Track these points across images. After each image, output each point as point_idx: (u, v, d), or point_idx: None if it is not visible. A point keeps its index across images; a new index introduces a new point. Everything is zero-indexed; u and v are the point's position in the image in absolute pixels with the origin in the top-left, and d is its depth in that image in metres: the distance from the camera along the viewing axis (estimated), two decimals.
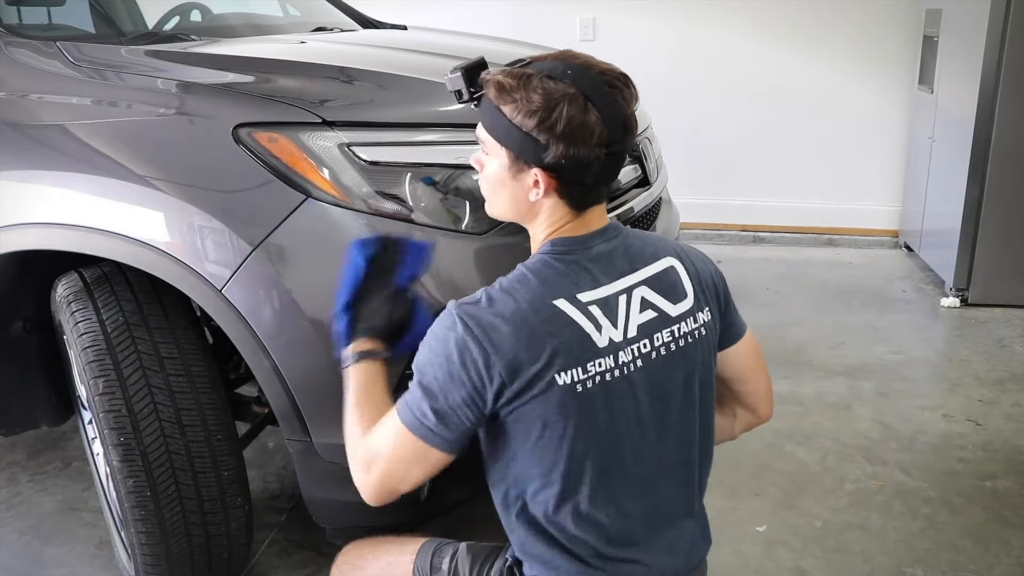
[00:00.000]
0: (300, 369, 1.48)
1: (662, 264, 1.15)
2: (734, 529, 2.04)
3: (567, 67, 1.06)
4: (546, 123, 1.04)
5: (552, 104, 1.04)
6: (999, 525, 2.05)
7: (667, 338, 1.12)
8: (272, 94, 1.62)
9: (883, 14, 4.05)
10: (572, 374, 1.05)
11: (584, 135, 1.04)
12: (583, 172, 1.07)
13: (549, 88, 1.04)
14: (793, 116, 4.26)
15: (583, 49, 1.16)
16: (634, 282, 1.12)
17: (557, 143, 1.04)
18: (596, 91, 1.05)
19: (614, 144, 1.07)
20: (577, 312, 1.06)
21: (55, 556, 2.03)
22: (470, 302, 1.07)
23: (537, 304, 1.06)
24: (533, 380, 1.04)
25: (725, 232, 4.46)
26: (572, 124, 1.04)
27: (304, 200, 1.46)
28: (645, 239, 1.18)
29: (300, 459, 1.57)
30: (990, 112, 3.24)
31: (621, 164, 1.13)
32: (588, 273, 1.10)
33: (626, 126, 1.08)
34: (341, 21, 2.76)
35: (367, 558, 1.32)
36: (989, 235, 3.37)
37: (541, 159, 1.06)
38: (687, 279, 1.16)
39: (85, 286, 1.61)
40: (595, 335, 1.07)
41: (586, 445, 1.08)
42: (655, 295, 1.12)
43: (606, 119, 1.05)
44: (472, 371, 1.03)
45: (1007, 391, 2.74)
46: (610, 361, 1.07)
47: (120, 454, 1.54)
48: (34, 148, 1.63)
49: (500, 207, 1.17)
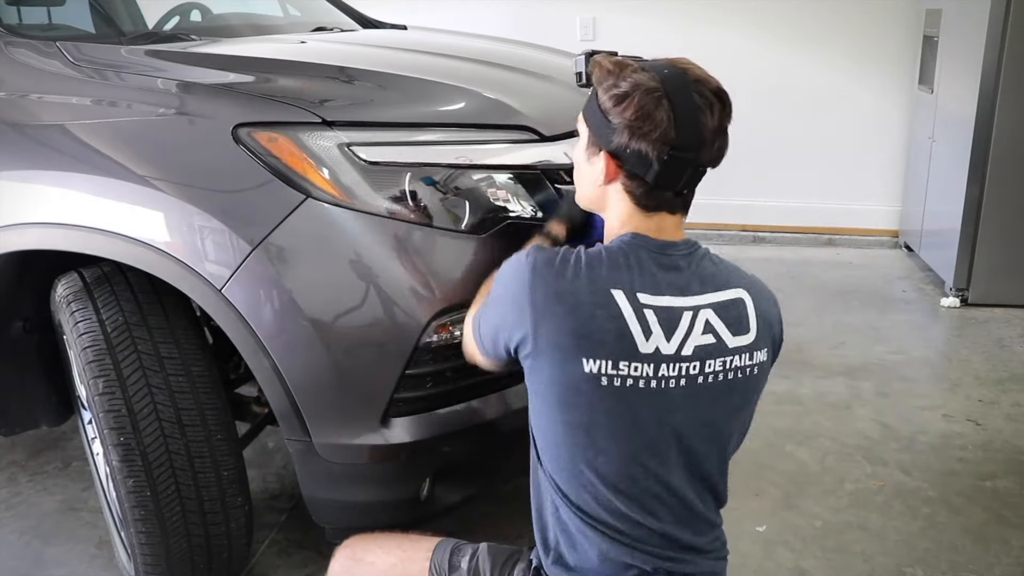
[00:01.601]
0: (300, 369, 1.48)
1: (732, 294, 1.14)
2: (734, 529, 2.02)
3: (666, 67, 1.09)
4: (618, 108, 1.07)
5: (632, 92, 1.07)
6: (999, 525, 2.05)
7: (718, 367, 1.11)
8: (272, 94, 1.62)
9: (883, 14, 4.05)
10: (601, 365, 1.05)
11: (648, 129, 1.06)
12: (644, 167, 1.08)
13: (637, 78, 1.08)
14: (793, 116, 4.26)
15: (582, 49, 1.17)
16: (702, 303, 1.11)
17: (623, 130, 1.07)
18: (680, 93, 1.07)
19: (681, 149, 1.07)
20: (629, 308, 1.07)
21: (55, 556, 2.03)
22: (546, 252, 1.11)
23: (597, 284, 1.07)
24: (558, 350, 1.05)
25: (725, 232, 4.46)
26: (640, 114, 1.06)
27: (304, 200, 1.46)
28: (719, 265, 1.17)
29: (300, 459, 1.57)
30: (990, 112, 3.24)
31: (690, 174, 1.11)
32: (654, 278, 1.10)
33: (701, 136, 1.07)
34: (341, 21, 2.76)
35: (374, 552, 1.30)
36: (989, 235, 3.37)
37: (609, 142, 1.10)
38: (753, 315, 1.14)
39: (85, 286, 1.61)
40: (639, 338, 1.06)
41: (599, 438, 1.08)
42: (719, 322, 1.11)
43: (679, 120, 1.06)
44: (514, 308, 1.09)
45: (1007, 391, 2.74)
46: (649, 369, 1.06)
47: (120, 454, 1.54)
48: (34, 148, 1.63)
49: (581, 191, 1.21)
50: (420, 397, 1.50)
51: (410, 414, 1.51)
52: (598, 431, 1.08)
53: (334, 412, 1.51)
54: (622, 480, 1.10)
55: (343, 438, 1.51)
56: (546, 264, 1.09)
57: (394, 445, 1.50)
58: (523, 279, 1.09)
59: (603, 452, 1.09)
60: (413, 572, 1.26)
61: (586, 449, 1.09)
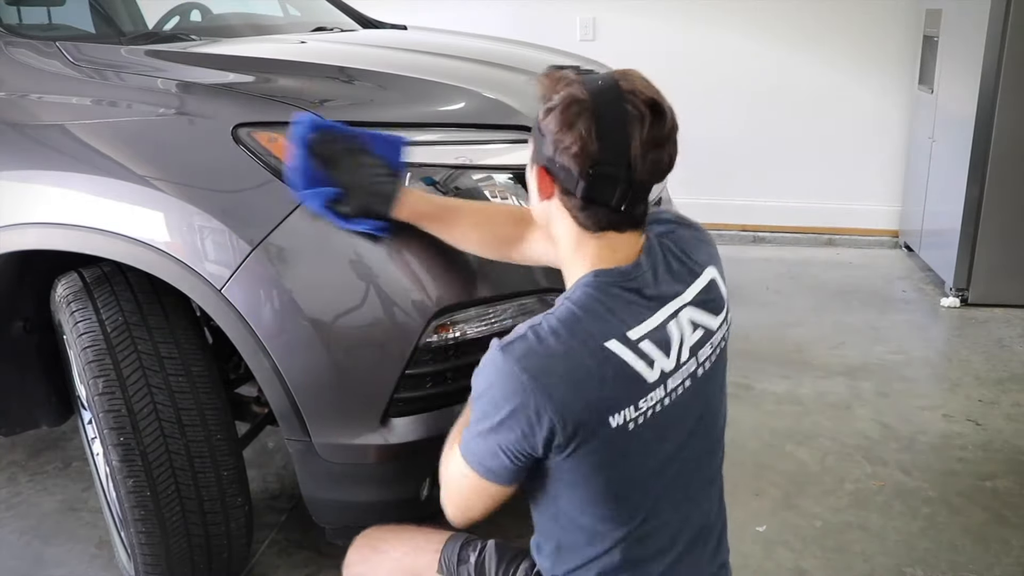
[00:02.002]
0: (300, 369, 1.48)
1: (705, 278, 1.13)
2: (734, 529, 2.02)
3: (605, 79, 1.03)
4: (546, 121, 1.04)
5: (556, 105, 1.02)
6: (999, 525, 2.05)
7: (708, 351, 1.12)
8: (272, 94, 1.62)
9: (883, 14, 4.05)
10: (624, 414, 1.02)
11: (569, 142, 1.01)
12: (572, 183, 1.03)
13: (568, 92, 1.02)
14: (793, 116, 4.26)
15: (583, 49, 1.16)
16: (680, 305, 1.09)
17: (550, 144, 1.03)
18: (609, 105, 1.01)
19: (605, 164, 1.00)
20: (629, 352, 1.03)
21: (55, 556, 2.03)
22: (517, 341, 1.02)
23: (590, 345, 1.01)
24: (586, 426, 1.01)
25: (725, 232, 4.46)
26: (560, 127, 1.01)
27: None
28: (682, 253, 1.14)
29: (300, 459, 1.57)
30: (990, 112, 3.24)
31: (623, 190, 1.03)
32: (634, 307, 1.06)
33: (627, 150, 1.00)
34: (341, 21, 2.76)
35: (390, 542, 1.32)
36: (989, 235, 3.37)
37: (542, 156, 1.06)
38: (723, 285, 1.14)
39: (85, 286, 1.61)
40: (645, 372, 1.04)
41: (640, 478, 1.07)
42: (700, 313, 1.11)
43: (602, 135, 1.00)
44: (523, 416, 1.00)
45: (1007, 391, 2.74)
46: (660, 392, 1.05)
47: (120, 454, 1.54)
48: (34, 148, 1.63)
49: (532, 208, 1.15)
50: (420, 397, 1.50)
51: (410, 414, 1.51)
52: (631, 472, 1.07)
53: (334, 412, 1.51)
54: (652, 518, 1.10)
55: (343, 438, 1.51)
56: (529, 353, 1.00)
57: (394, 445, 1.50)
58: (518, 381, 0.99)
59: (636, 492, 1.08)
60: (423, 563, 1.28)
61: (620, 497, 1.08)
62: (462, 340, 1.49)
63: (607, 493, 1.07)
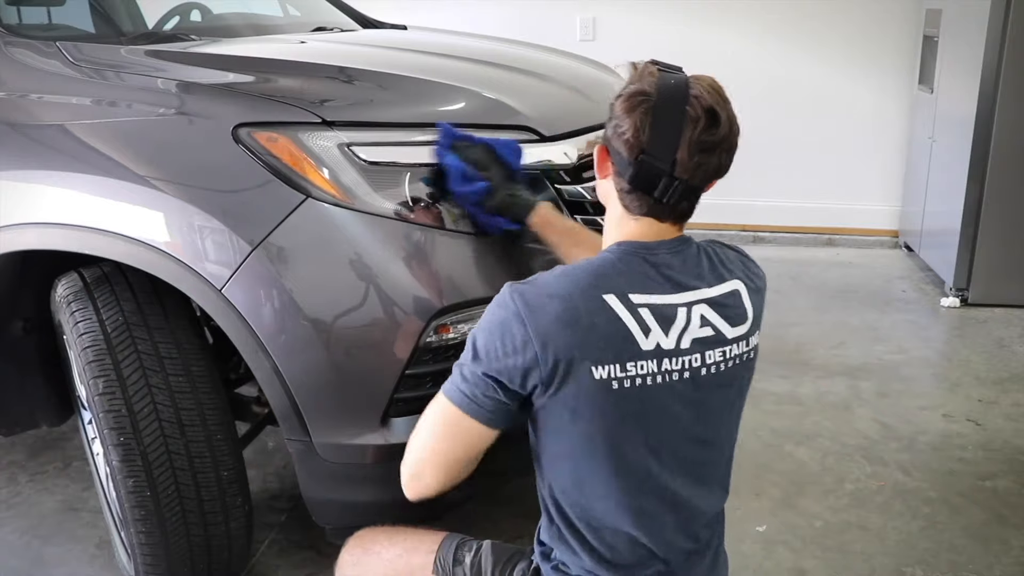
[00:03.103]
0: (300, 369, 1.48)
1: (728, 287, 1.14)
2: (734, 529, 2.03)
3: (682, 79, 1.10)
4: (614, 105, 1.10)
5: (625, 92, 1.09)
6: (999, 525, 2.05)
7: (718, 357, 1.12)
8: (272, 94, 1.62)
9: (883, 14, 4.05)
10: (610, 369, 1.05)
11: (624, 128, 1.08)
12: (623, 166, 1.10)
13: (643, 83, 1.08)
14: (793, 116, 4.26)
15: (582, 49, 1.18)
16: (696, 299, 1.11)
17: (612, 127, 1.10)
18: (669, 103, 1.06)
19: (652, 155, 1.07)
20: (624, 310, 1.06)
21: (55, 556, 2.03)
22: (525, 281, 1.09)
23: (588, 293, 1.06)
24: (568, 366, 1.04)
25: (725, 232, 4.46)
26: (621, 113, 1.08)
27: (304, 200, 1.46)
28: (713, 258, 1.17)
29: (300, 459, 1.57)
30: (990, 112, 3.24)
31: (666, 184, 1.09)
32: (646, 277, 1.10)
33: (675, 146, 1.06)
34: (341, 21, 2.76)
35: (382, 543, 1.32)
36: (989, 235, 3.37)
37: (607, 137, 1.13)
38: (749, 304, 1.15)
39: (85, 286, 1.61)
40: (639, 336, 1.06)
41: (616, 443, 1.08)
42: (715, 315, 1.12)
43: (655, 127, 1.06)
44: (509, 345, 1.05)
45: (1007, 391, 2.74)
46: (652, 365, 1.07)
47: (120, 454, 1.54)
48: (34, 148, 1.63)
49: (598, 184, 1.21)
50: (420, 397, 1.50)
51: (410, 414, 1.50)
52: (611, 437, 1.08)
53: (334, 412, 1.51)
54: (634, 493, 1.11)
55: (343, 438, 1.51)
56: (530, 288, 1.07)
57: (394, 445, 1.50)
58: (513, 307, 1.06)
59: (618, 459, 1.09)
60: (417, 564, 1.27)
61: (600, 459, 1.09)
62: (462, 340, 1.49)
63: (588, 446, 1.09)
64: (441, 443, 1.13)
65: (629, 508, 1.11)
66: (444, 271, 1.50)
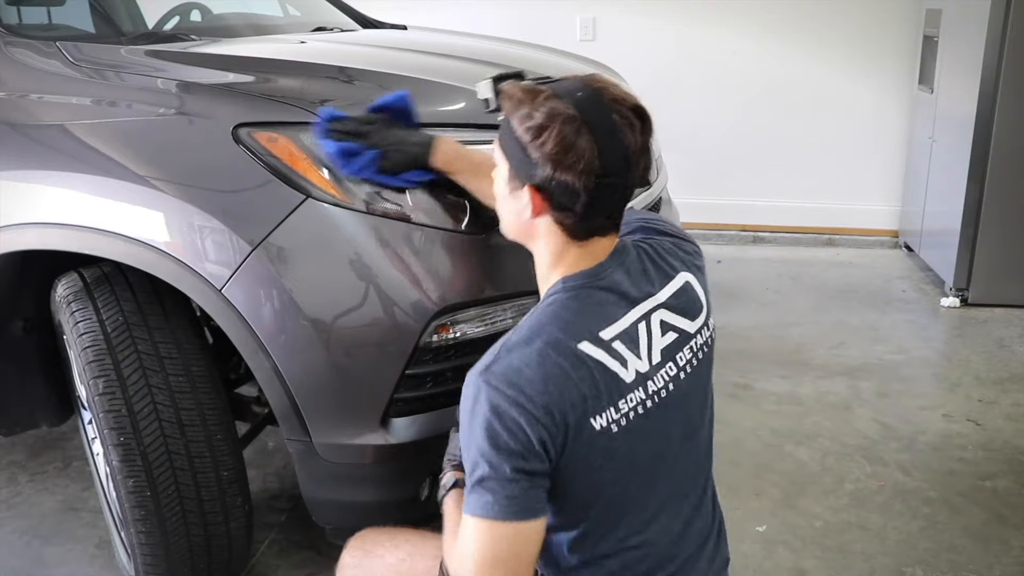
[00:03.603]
0: (300, 369, 1.48)
1: (677, 282, 1.13)
2: (734, 529, 2.02)
3: (580, 89, 1.03)
4: (537, 141, 1.02)
5: (548, 123, 1.01)
6: (999, 525, 2.05)
7: (688, 355, 1.11)
8: (272, 94, 1.62)
9: (883, 14, 4.05)
10: (607, 416, 1.02)
11: (572, 161, 1.00)
12: (572, 199, 1.02)
13: (552, 107, 1.02)
14: (793, 116, 4.26)
15: (583, 49, 1.16)
16: (652, 307, 1.09)
17: (545, 164, 1.01)
18: (599, 118, 1.01)
19: (608, 176, 1.01)
20: (602, 352, 1.03)
21: (55, 556, 2.03)
22: (489, 362, 1.02)
23: (560, 347, 1.01)
24: (575, 429, 1.00)
25: (725, 232, 4.46)
26: (561, 147, 1.00)
27: (304, 200, 1.46)
28: (657, 256, 1.14)
29: (300, 459, 1.57)
30: (990, 112, 3.24)
31: (622, 197, 1.07)
32: (604, 307, 1.06)
33: (627, 159, 1.03)
34: (341, 21, 2.76)
35: (385, 546, 1.29)
36: (989, 235, 3.37)
37: (532, 176, 1.04)
38: (701, 291, 1.14)
39: (85, 286, 1.61)
40: (621, 372, 1.04)
41: (626, 481, 1.06)
42: (673, 316, 1.10)
43: (601, 148, 1.00)
44: (516, 429, 0.98)
45: (1007, 391, 2.74)
46: (641, 394, 1.05)
47: (120, 454, 1.54)
48: (34, 148, 1.63)
49: (506, 223, 1.15)
50: (420, 397, 1.50)
51: (410, 414, 1.51)
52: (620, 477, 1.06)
53: (334, 412, 1.51)
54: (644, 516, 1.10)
55: (343, 438, 1.51)
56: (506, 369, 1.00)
57: (394, 445, 1.50)
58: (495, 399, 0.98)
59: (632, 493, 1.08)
60: (422, 568, 1.25)
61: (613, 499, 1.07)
62: (462, 340, 1.49)
63: (598, 498, 1.06)
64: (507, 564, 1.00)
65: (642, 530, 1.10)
66: (444, 271, 1.50)
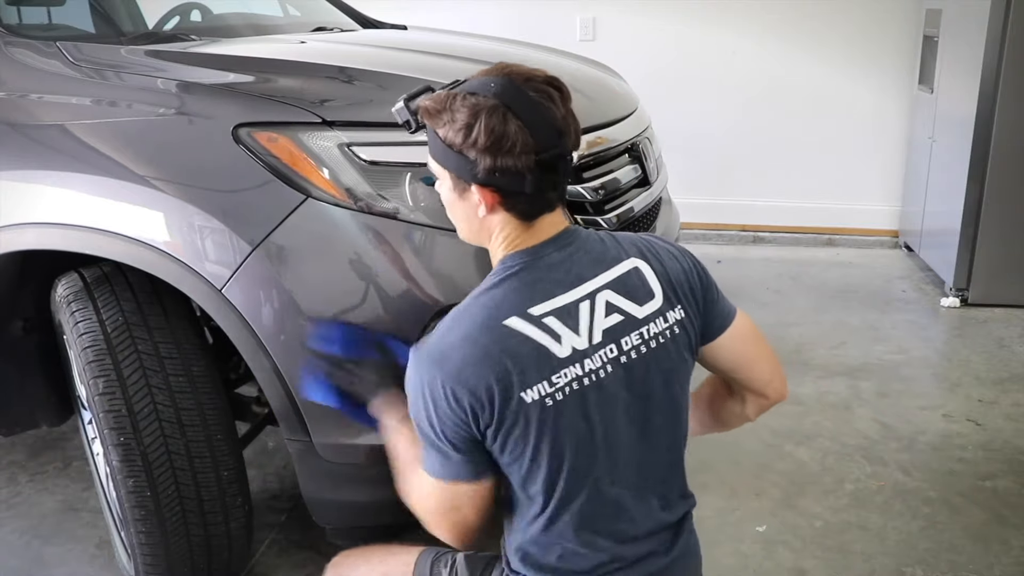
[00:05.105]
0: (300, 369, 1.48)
1: (625, 266, 1.13)
2: (734, 529, 2.04)
3: (491, 80, 1.06)
4: (469, 139, 1.04)
5: (473, 119, 1.04)
6: (999, 525, 2.05)
7: (636, 341, 1.10)
8: (272, 94, 1.62)
9: (883, 14, 4.05)
10: (538, 389, 1.04)
11: (507, 145, 1.03)
12: (519, 182, 1.05)
13: (471, 104, 1.05)
14: (793, 116, 4.26)
15: (583, 49, 1.17)
16: (596, 287, 1.10)
17: (483, 157, 1.04)
18: (518, 100, 1.04)
19: (546, 150, 1.05)
20: (531, 327, 1.05)
21: (55, 556, 2.03)
22: (425, 340, 1.08)
23: (488, 325, 1.05)
24: (502, 403, 1.03)
25: (725, 232, 4.46)
26: (493, 136, 1.03)
27: (304, 200, 1.46)
28: (606, 241, 1.15)
29: (300, 459, 1.57)
30: (990, 112, 3.24)
31: (564, 168, 1.09)
32: (541, 284, 1.08)
33: (559, 130, 1.06)
34: (341, 21, 2.76)
35: (360, 568, 1.31)
36: (989, 235, 3.37)
37: (475, 175, 1.06)
38: (654, 279, 1.14)
39: (85, 286, 1.61)
40: (554, 347, 1.05)
41: (566, 456, 1.07)
42: (620, 298, 1.10)
43: (530, 126, 1.03)
44: (445, 404, 1.04)
45: (1007, 391, 2.74)
46: (576, 370, 1.06)
47: (120, 454, 1.54)
48: (34, 148, 1.63)
49: (462, 230, 1.18)
50: None
51: None
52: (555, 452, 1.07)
53: (334, 412, 1.51)
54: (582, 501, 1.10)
55: (343, 438, 1.51)
56: (434, 346, 1.06)
57: None
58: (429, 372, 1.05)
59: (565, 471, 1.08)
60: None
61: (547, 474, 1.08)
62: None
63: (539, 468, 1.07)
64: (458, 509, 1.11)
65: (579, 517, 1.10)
66: (443, 270, 1.51)
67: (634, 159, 1.98)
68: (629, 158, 1.97)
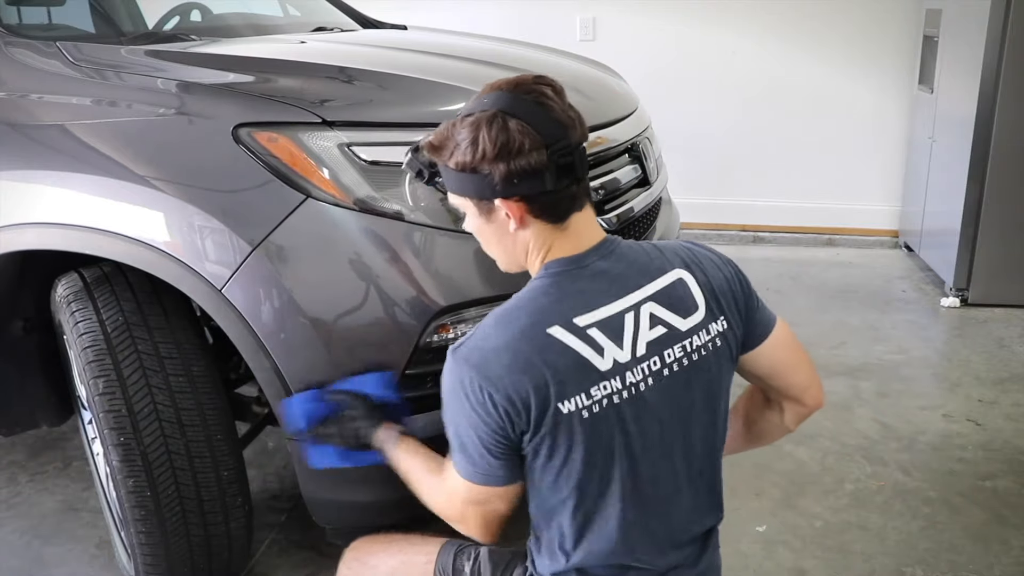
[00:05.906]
0: (300, 369, 1.48)
1: (670, 277, 1.12)
2: (734, 529, 2.04)
3: (484, 98, 1.08)
4: (477, 153, 1.05)
5: (475, 133, 1.05)
6: (999, 525, 2.05)
7: (679, 354, 1.10)
8: (272, 94, 1.62)
9: (883, 14, 4.05)
10: (576, 401, 1.03)
11: (515, 147, 1.03)
12: (538, 182, 1.05)
13: (470, 122, 1.06)
14: (793, 116, 4.26)
15: (583, 49, 1.17)
16: (641, 298, 1.09)
17: (496, 167, 1.04)
18: (513, 104, 1.05)
19: (555, 143, 1.05)
20: (573, 338, 1.04)
21: (55, 556, 2.03)
22: (464, 342, 1.07)
23: (529, 333, 1.04)
24: (540, 411, 1.03)
25: (725, 232, 4.46)
26: (499, 142, 1.04)
27: (304, 200, 1.46)
28: (650, 251, 1.15)
29: (300, 459, 1.57)
30: (990, 112, 3.24)
31: (580, 159, 1.09)
32: (585, 295, 1.07)
33: (561, 122, 1.06)
34: (341, 21, 2.76)
35: (379, 555, 1.31)
36: (989, 235, 3.37)
37: (495, 190, 1.06)
38: (697, 290, 1.13)
39: (85, 286, 1.61)
40: (596, 359, 1.04)
41: (598, 466, 1.07)
42: (664, 310, 1.10)
43: (533, 123, 1.04)
44: (482, 410, 1.04)
45: (1007, 391, 2.74)
46: (616, 383, 1.05)
47: (120, 454, 1.54)
48: (34, 148, 1.63)
49: (501, 258, 1.18)
50: (420, 397, 1.50)
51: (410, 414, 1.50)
52: (589, 463, 1.07)
53: None
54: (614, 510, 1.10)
55: None
56: (474, 349, 1.05)
57: None
58: (467, 375, 1.04)
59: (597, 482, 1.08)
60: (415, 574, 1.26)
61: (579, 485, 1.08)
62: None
63: (572, 476, 1.07)
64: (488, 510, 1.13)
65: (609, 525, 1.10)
66: (444, 271, 1.51)
67: (634, 159, 1.98)
68: (629, 158, 1.97)
